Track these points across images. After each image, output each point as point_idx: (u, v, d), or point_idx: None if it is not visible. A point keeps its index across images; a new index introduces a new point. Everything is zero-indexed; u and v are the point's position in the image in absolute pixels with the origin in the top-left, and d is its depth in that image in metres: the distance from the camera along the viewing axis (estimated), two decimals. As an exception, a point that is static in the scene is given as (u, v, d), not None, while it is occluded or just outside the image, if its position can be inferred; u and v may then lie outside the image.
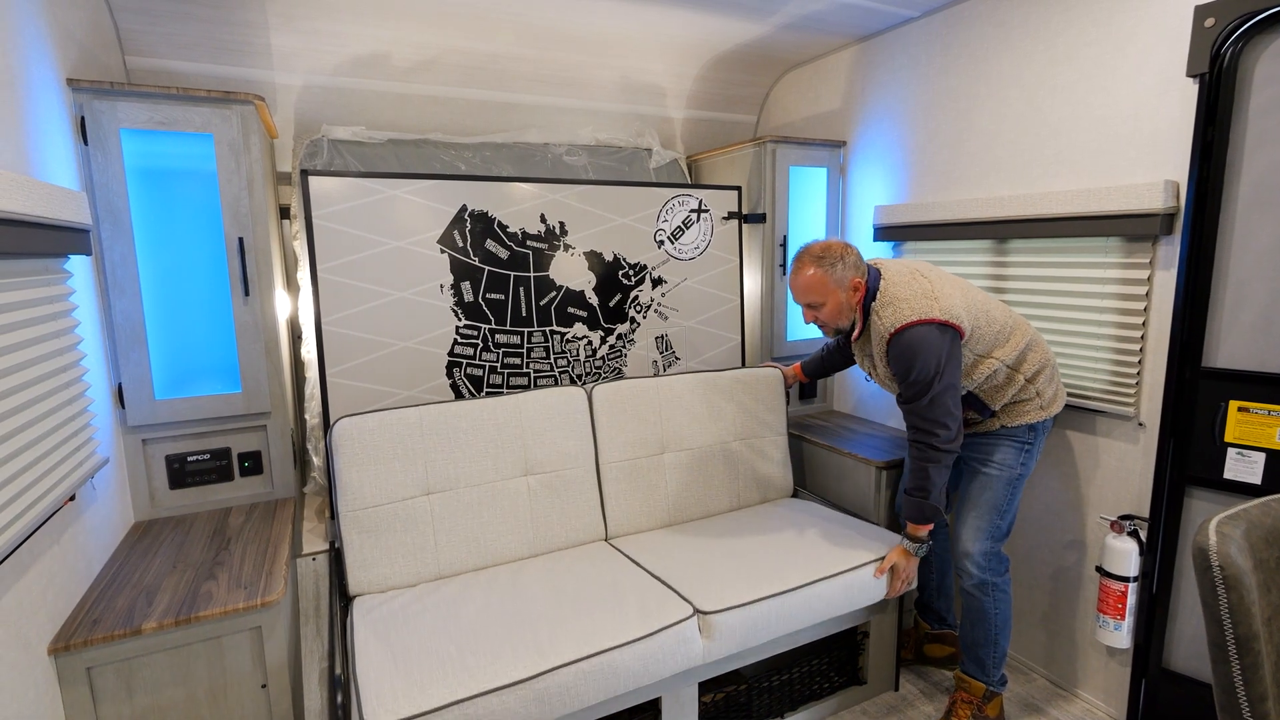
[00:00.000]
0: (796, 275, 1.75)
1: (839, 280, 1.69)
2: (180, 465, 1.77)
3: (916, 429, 1.68)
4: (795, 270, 1.75)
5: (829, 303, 1.71)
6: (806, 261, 1.72)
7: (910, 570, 1.80)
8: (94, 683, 1.26)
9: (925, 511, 1.70)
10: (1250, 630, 0.66)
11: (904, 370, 1.64)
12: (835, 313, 1.73)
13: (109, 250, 1.61)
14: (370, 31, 2.11)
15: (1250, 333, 1.56)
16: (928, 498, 1.68)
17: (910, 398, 1.66)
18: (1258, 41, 1.50)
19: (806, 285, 1.72)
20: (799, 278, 1.74)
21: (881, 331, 1.67)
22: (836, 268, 1.69)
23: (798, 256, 1.76)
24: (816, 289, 1.70)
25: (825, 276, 1.69)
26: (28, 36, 1.33)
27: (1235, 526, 0.72)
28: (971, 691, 1.84)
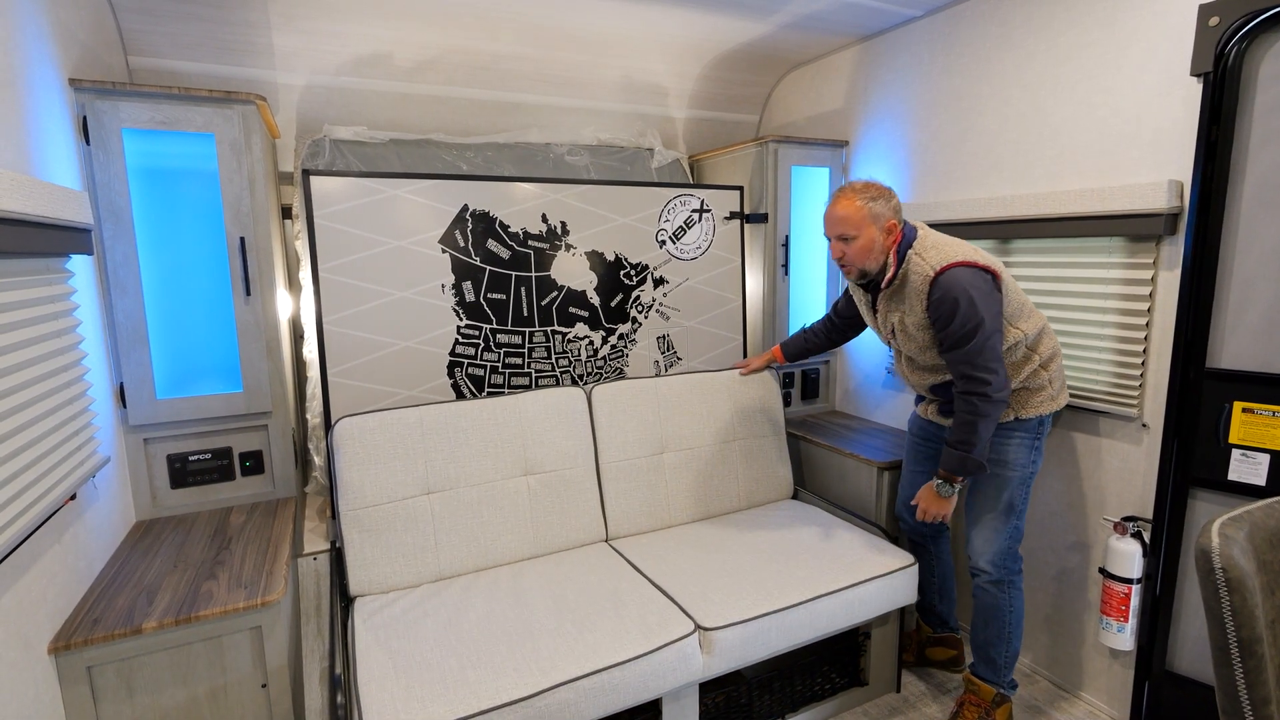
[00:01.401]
0: (834, 205, 1.67)
1: (876, 216, 1.63)
2: (181, 465, 1.77)
3: (967, 378, 1.58)
4: (834, 200, 1.68)
5: (861, 238, 1.63)
6: (847, 193, 1.65)
7: (937, 511, 1.71)
8: (94, 682, 1.26)
9: (969, 466, 1.62)
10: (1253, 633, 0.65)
11: (948, 314, 1.56)
12: (865, 251, 1.65)
13: (111, 250, 1.61)
14: (372, 31, 2.11)
15: (1255, 333, 1.55)
16: (971, 452, 1.60)
17: (956, 343, 1.57)
18: (1262, 40, 1.49)
19: (843, 215, 1.64)
20: (836, 207, 1.66)
21: (925, 270, 1.60)
22: (877, 203, 1.63)
23: (839, 189, 1.69)
24: (853, 221, 1.63)
25: (864, 209, 1.62)
26: (30, 36, 1.33)
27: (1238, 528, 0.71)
28: (981, 695, 1.82)
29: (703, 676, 1.58)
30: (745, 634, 1.60)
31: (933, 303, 1.59)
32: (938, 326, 1.61)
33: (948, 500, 1.69)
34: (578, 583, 1.73)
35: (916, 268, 1.62)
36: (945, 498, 1.69)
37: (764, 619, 1.63)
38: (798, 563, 1.82)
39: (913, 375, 1.84)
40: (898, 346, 1.79)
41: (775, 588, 1.71)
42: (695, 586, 1.72)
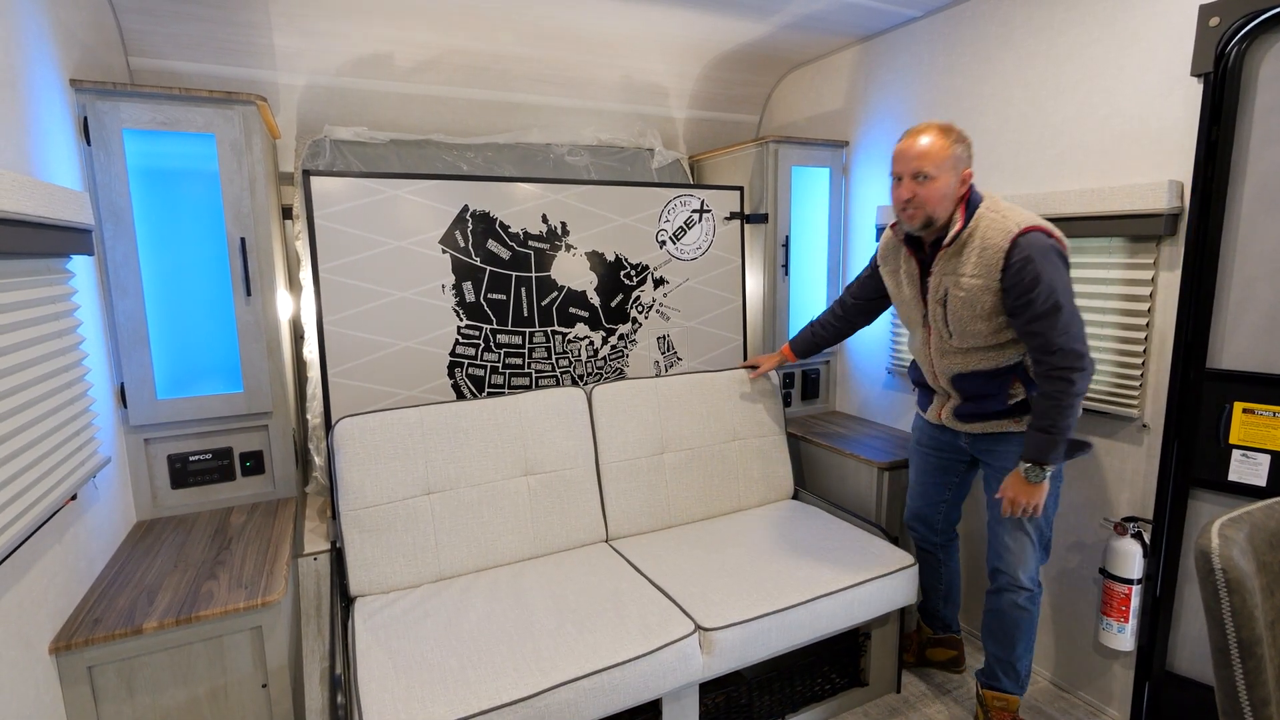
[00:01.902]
0: (915, 137, 1.51)
1: (957, 161, 1.50)
2: (182, 465, 1.77)
3: (1058, 352, 1.45)
4: (914, 133, 1.52)
5: (939, 179, 1.49)
6: (930, 128, 1.51)
7: (1029, 500, 1.57)
8: (95, 682, 1.27)
9: (1059, 451, 1.50)
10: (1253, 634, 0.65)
11: (1031, 279, 1.43)
12: (939, 196, 1.50)
13: (111, 250, 1.61)
14: (373, 32, 2.11)
15: (1255, 334, 1.55)
16: (1061, 436, 1.49)
17: (1043, 313, 1.44)
18: (1263, 41, 1.49)
19: (926, 150, 1.49)
20: (918, 140, 1.51)
21: (1005, 227, 1.47)
22: (959, 147, 1.51)
23: (921, 124, 1.55)
24: (935, 158, 1.48)
25: (949, 149, 1.49)
26: (30, 36, 1.33)
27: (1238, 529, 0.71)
28: (1011, 707, 1.79)
29: (703, 677, 1.58)
30: (745, 634, 1.60)
31: (1013, 265, 1.45)
32: (1015, 293, 1.46)
33: (1039, 487, 1.56)
34: (578, 583, 1.73)
35: (993, 225, 1.49)
36: (1036, 484, 1.55)
37: (764, 619, 1.63)
38: (798, 563, 1.82)
39: (940, 360, 1.69)
40: (935, 322, 1.63)
41: (775, 588, 1.71)
42: (695, 587, 1.72)
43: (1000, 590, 1.75)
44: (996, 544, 1.74)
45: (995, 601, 1.77)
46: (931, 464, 1.91)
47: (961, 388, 1.70)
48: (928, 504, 1.96)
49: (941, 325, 1.63)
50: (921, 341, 1.74)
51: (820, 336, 2.09)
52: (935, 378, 1.75)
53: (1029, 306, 1.46)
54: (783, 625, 1.65)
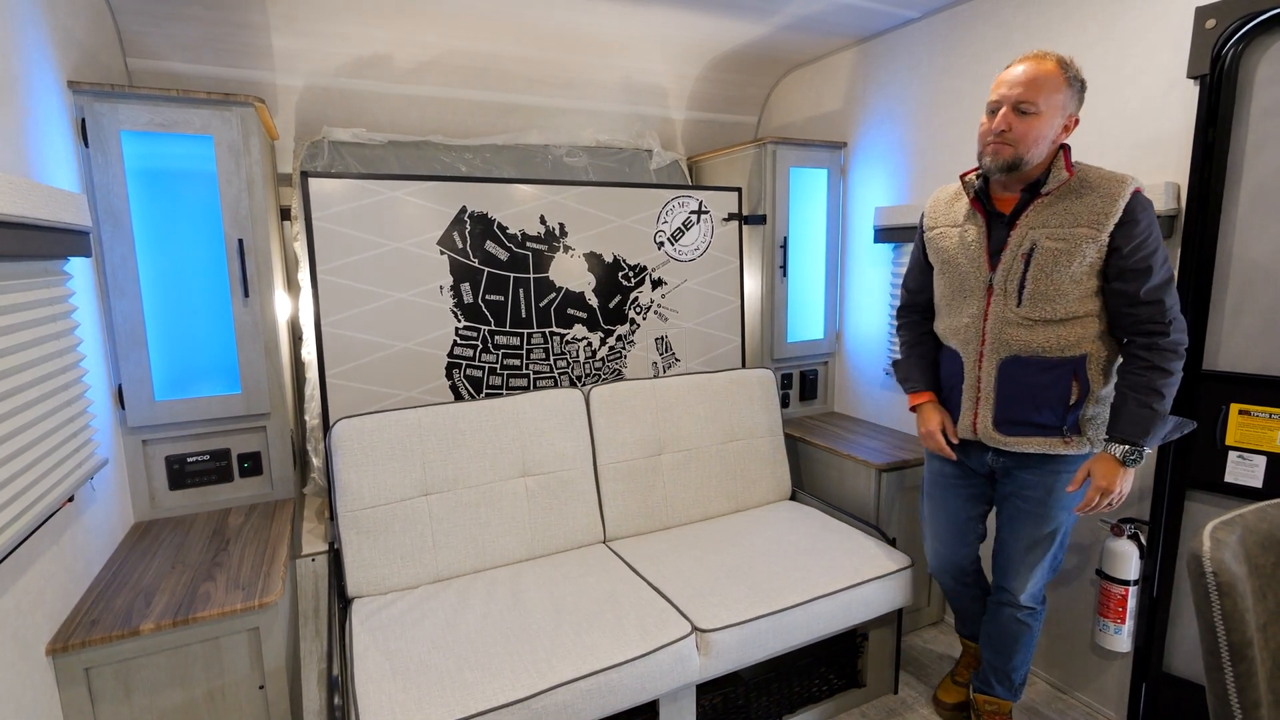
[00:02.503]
0: (1030, 63, 1.34)
1: (1066, 101, 1.34)
2: (180, 466, 1.77)
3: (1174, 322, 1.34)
4: (1030, 58, 1.35)
5: (1044, 114, 1.33)
6: (1048, 56, 1.34)
7: (1123, 488, 1.40)
8: (92, 683, 1.27)
9: (1161, 432, 1.38)
10: (1244, 637, 0.65)
11: (1153, 242, 1.32)
12: (1037, 136, 1.34)
13: (109, 252, 1.62)
14: (371, 33, 2.11)
15: (1251, 335, 1.55)
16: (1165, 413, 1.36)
17: (1160, 283, 1.33)
18: (1259, 43, 1.49)
19: (1038, 76, 1.32)
20: (1033, 66, 1.34)
21: (1123, 178, 1.34)
22: (1075, 86, 1.35)
23: (1030, 53, 1.37)
24: (1048, 86, 1.32)
25: (1062, 84, 1.33)
26: (29, 38, 1.33)
27: (1230, 532, 0.71)
28: (1002, 710, 1.78)
29: (700, 678, 1.58)
30: (742, 635, 1.60)
31: (1133, 220, 1.32)
32: (1133, 253, 1.32)
33: (1130, 473, 1.40)
34: (575, 584, 1.74)
35: (1103, 175, 1.36)
36: (1129, 469, 1.39)
37: (761, 620, 1.63)
38: (795, 564, 1.82)
39: (997, 336, 1.46)
40: (1007, 285, 1.43)
41: (772, 589, 1.71)
42: (692, 588, 1.72)
43: (1003, 605, 1.70)
44: (1005, 561, 1.64)
45: (997, 613, 1.72)
46: (962, 497, 1.68)
47: (1010, 381, 1.47)
48: (962, 547, 1.72)
49: (1014, 288, 1.42)
50: (974, 315, 1.50)
51: (931, 356, 1.70)
52: (978, 363, 1.51)
53: (1147, 272, 1.33)
54: (780, 626, 1.65)
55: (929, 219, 1.63)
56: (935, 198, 1.65)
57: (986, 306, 1.48)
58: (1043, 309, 1.41)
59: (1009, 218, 1.45)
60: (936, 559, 1.80)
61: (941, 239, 1.58)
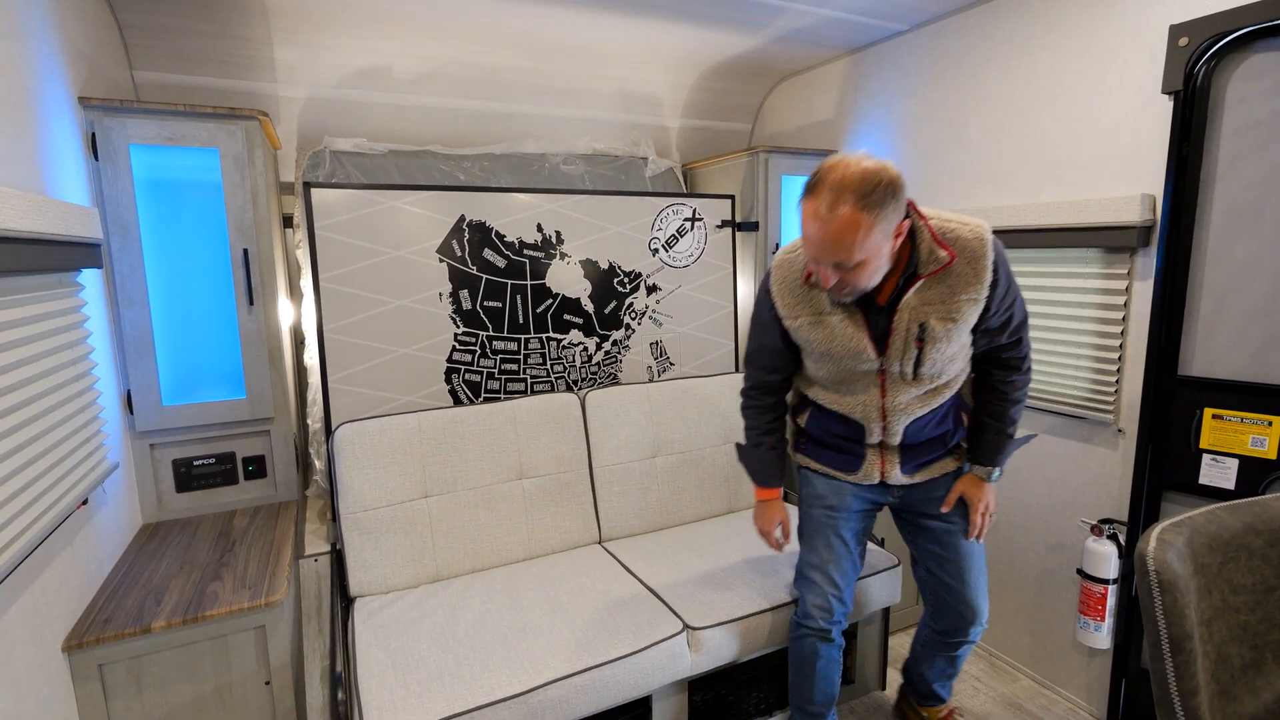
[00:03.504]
0: (822, 223, 1.11)
1: (888, 226, 1.13)
2: (186, 469, 1.82)
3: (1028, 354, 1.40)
4: (817, 216, 1.12)
5: (870, 261, 1.15)
6: (845, 198, 1.09)
7: (993, 500, 1.51)
8: (105, 679, 1.32)
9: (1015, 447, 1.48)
10: (1183, 631, 0.70)
11: (1007, 288, 1.28)
12: (871, 273, 1.18)
13: (118, 262, 1.67)
14: (372, 45, 2.16)
15: (1225, 342, 1.61)
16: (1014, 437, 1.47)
17: (1023, 319, 1.35)
18: (1230, 61, 1.54)
19: (842, 239, 1.11)
20: (830, 226, 1.11)
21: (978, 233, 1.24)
22: (887, 209, 1.11)
23: (824, 185, 1.11)
24: (857, 242, 1.11)
25: (872, 226, 1.10)
26: (43, 58, 1.38)
27: (1178, 534, 0.77)
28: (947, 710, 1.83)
29: (691, 674, 1.64)
30: (732, 633, 1.66)
31: (997, 273, 1.25)
32: (1001, 300, 1.28)
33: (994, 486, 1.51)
34: (571, 584, 1.79)
35: (958, 232, 1.24)
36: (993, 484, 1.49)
37: (751, 618, 1.68)
38: (786, 564, 1.87)
39: (896, 412, 1.39)
40: (901, 366, 1.32)
41: (762, 587, 1.76)
42: (685, 587, 1.77)
43: (971, 642, 1.64)
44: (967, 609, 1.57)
45: (964, 651, 1.68)
46: (859, 529, 1.60)
47: (914, 439, 1.45)
48: (848, 580, 1.58)
49: (908, 368, 1.32)
50: (869, 397, 1.39)
51: (783, 446, 1.62)
52: (882, 433, 1.43)
53: (1011, 310, 1.32)
54: (770, 624, 1.70)
55: (784, 309, 1.40)
56: (781, 280, 1.40)
57: (882, 389, 1.38)
58: (940, 376, 1.36)
59: (886, 305, 1.31)
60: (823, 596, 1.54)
61: (808, 331, 1.38)
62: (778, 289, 1.40)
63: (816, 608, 1.56)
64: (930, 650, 1.74)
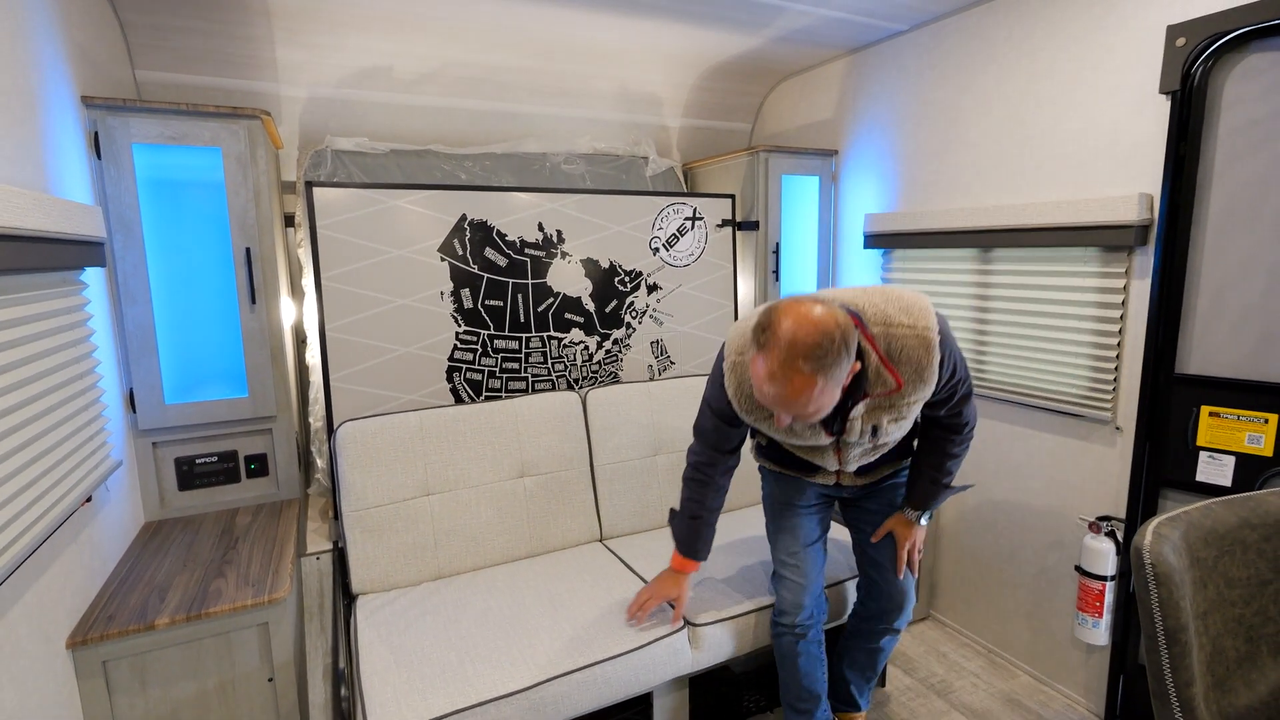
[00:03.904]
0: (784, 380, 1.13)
1: (840, 379, 1.16)
2: (189, 467, 1.83)
3: (971, 419, 1.45)
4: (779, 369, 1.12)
5: (825, 408, 1.19)
6: (797, 364, 1.11)
7: (921, 539, 1.61)
8: (109, 675, 1.33)
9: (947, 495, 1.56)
10: (1178, 623, 0.71)
11: (950, 376, 1.32)
12: (824, 413, 1.21)
13: (121, 261, 1.67)
14: (373, 44, 2.17)
15: (1222, 341, 1.62)
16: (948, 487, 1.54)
17: (964, 395, 1.39)
18: (1227, 61, 1.55)
19: (798, 396, 1.14)
20: (788, 385, 1.13)
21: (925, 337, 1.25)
22: (841, 365, 1.14)
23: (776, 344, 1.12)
24: (813, 399, 1.15)
25: (827, 382, 1.14)
26: (47, 57, 1.39)
27: (1174, 528, 0.78)
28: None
29: (691, 670, 1.64)
30: (733, 629, 1.67)
31: (943, 371, 1.29)
32: (946, 390, 1.34)
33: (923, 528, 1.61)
34: (572, 581, 1.80)
35: (906, 342, 1.26)
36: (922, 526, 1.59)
37: (751, 615, 1.69)
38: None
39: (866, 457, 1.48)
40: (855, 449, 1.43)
41: (762, 585, 1.77)
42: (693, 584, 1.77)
43: (896, 631, 1.69)
44: (896, 592, 1.64)
45: (889, 642, 1.71)
46: (819, 519, 1.66)
47: (868, 473, 1.58)
48: (816, 569, 1.62)
49: (864, 449, 1.43)
50: (823, 454, 1.48)
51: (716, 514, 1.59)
52: (837, 472, 1.55)
53: (954, 394, 1.37)
54: (769, 620, 1.71)
55: (741, 412, 1.40)
56: (736, 386, 1.38)
57: (837, 451, 1.46)
58: (889, 446, 1.47)
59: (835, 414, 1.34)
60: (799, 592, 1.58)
61: (766, 427, 1.42)
62: (734, 394, 1.39)
63: (789, 604, 1.61)
64: (855, 642, 1.75)
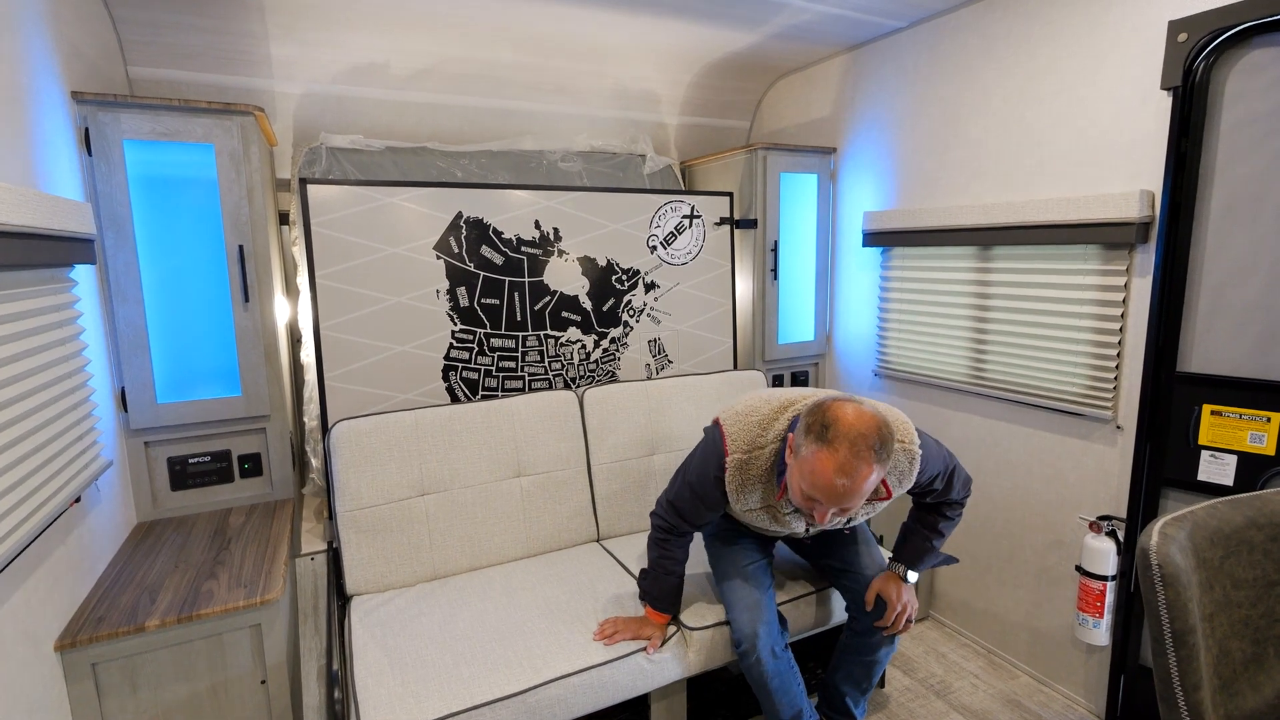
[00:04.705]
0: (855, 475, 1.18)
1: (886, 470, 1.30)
2: (182, 467, 1.81)
3: (963, 497, 1.56)
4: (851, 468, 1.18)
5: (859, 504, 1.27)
6: (866, 455, 1.18)
7: (913, 599, 1.61)
8: (99, 678, 1.31)
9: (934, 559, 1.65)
10: (1186, 625, 0.70)
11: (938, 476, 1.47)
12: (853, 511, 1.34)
13: (112, 258, 1.65)
14: (369, 41, 2.15)
15: (1223, 339, 1.60)
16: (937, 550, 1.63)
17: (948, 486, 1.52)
18: (1229, 57, 1.54)
19: (861, 489, 1.21)
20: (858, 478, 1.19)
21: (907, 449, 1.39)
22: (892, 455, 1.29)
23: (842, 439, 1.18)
24: (868, 489, 1.22)
25: (883, 472, 1.23)
26: (35, 51, 1.37)
27: (1180, 528, 0.76)
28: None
29: (688, 673, 1.63)
30: (730, 633, 1.65)
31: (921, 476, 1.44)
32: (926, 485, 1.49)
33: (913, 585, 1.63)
34: (569, 582, 1.78)
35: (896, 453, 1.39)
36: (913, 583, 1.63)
37: (750, 616, 1.67)
38: (783, 562, 1.86)
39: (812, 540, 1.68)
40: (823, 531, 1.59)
41: (761, 586, 1.75)
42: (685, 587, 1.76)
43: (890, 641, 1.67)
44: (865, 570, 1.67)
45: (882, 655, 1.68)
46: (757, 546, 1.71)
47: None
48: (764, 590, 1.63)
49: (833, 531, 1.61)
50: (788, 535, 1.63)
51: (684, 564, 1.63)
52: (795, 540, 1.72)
53: (931, 486, 1.50)
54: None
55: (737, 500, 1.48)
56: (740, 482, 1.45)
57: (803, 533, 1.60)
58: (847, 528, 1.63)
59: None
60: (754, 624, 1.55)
61: (752, 517, 1.54)
62: (733, 486, 1.45)
63: (745, 632, 1.56)
64: (848, 656, 1.72)
